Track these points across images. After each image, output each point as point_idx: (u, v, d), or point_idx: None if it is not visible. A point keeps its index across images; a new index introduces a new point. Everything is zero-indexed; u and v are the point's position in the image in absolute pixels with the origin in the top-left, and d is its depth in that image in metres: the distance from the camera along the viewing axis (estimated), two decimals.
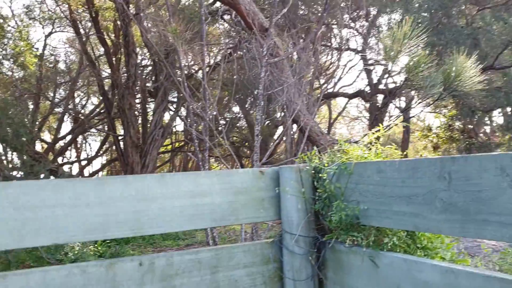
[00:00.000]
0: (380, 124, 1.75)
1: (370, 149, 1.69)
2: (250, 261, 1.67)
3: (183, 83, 3.36)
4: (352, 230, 1.49)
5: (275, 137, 15.72)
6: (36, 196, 1.40)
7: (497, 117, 13.21)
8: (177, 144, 18.90)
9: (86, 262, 1.46)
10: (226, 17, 11.27)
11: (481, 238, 1.08)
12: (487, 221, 1.06)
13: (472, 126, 12.00)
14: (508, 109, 11.77)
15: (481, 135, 12.84)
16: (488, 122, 13.37)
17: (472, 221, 1.10)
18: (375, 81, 14.05)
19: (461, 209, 1.13)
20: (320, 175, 1.61)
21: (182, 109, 15.19)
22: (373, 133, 1.67)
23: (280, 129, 15.40)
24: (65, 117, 16.13)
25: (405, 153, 1.72)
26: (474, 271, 1.10)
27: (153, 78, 13.19)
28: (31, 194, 1.39)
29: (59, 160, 15.87)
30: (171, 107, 14.53)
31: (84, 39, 12.45)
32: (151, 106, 14.34)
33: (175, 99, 14.48)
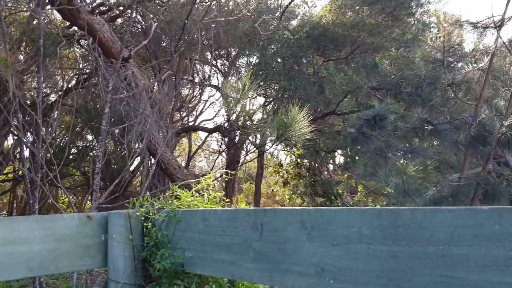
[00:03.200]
0: (236, 160, 1.82)
1: (203, 195, 1.74)
2: None
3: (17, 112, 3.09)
4: (176, 278, 1.50)
5: (131, 168, 15.20)
6: None
7: (338, 157, 14.66)
8: (20, 172, 17.08)
9: None
10: (84, 41, 10.76)
11: (285, 287, 1.18)
12: (288, 270, 1.17)
13: (317, 165, 13.14)
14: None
15: (325, 172, 14.11)
16: (331, 161, 14.72)
17: (278, 270, 1.19)
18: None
19: (270, 259, 1.22)
20: (147, 223, 1.61)
21: (29, 134, 13.87)
22: (205, 180, 1.72)
23: (138, 161, 14.95)
24: None
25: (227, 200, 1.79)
26: None
27: None
28: None
29: None
30: (15, 132, 13.17)
31: None
32: None
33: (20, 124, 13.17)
